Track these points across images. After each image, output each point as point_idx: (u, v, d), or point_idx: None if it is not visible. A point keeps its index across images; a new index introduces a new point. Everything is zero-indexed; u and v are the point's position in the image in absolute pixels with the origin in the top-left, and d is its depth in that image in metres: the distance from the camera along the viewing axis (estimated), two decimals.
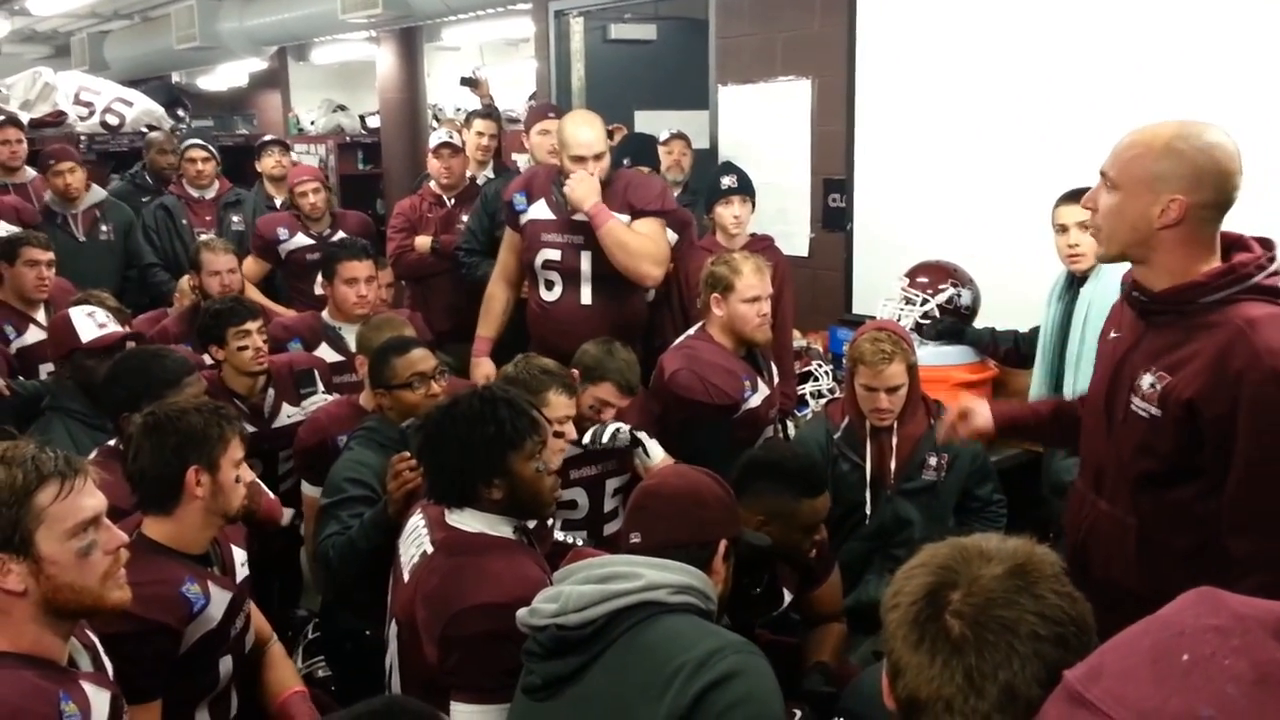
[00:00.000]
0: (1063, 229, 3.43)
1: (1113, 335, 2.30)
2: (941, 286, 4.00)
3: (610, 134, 5.19)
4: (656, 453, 3.07)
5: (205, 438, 2.28)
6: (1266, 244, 2.10)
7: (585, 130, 4.00)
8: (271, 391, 3.67)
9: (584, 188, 3.79)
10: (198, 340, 3.70)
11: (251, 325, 3.54)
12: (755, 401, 3.47)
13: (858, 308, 4.97)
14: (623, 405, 3.17)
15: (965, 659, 1.16)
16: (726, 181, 4.40)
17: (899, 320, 3.98)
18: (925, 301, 3.99)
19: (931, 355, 3.85)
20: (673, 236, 4.39)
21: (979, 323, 4.00)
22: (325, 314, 4.22)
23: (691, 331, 3.61)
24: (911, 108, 4.74)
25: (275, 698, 2.53)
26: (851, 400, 3.28)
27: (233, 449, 2.32)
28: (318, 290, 4.96)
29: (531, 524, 2.38)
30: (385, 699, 1.34)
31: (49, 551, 1.70)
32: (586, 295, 4.06)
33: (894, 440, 3.23)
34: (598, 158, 3.94)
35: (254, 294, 4.81)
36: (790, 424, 4.05)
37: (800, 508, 2.57)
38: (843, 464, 3.30)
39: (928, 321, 3.97)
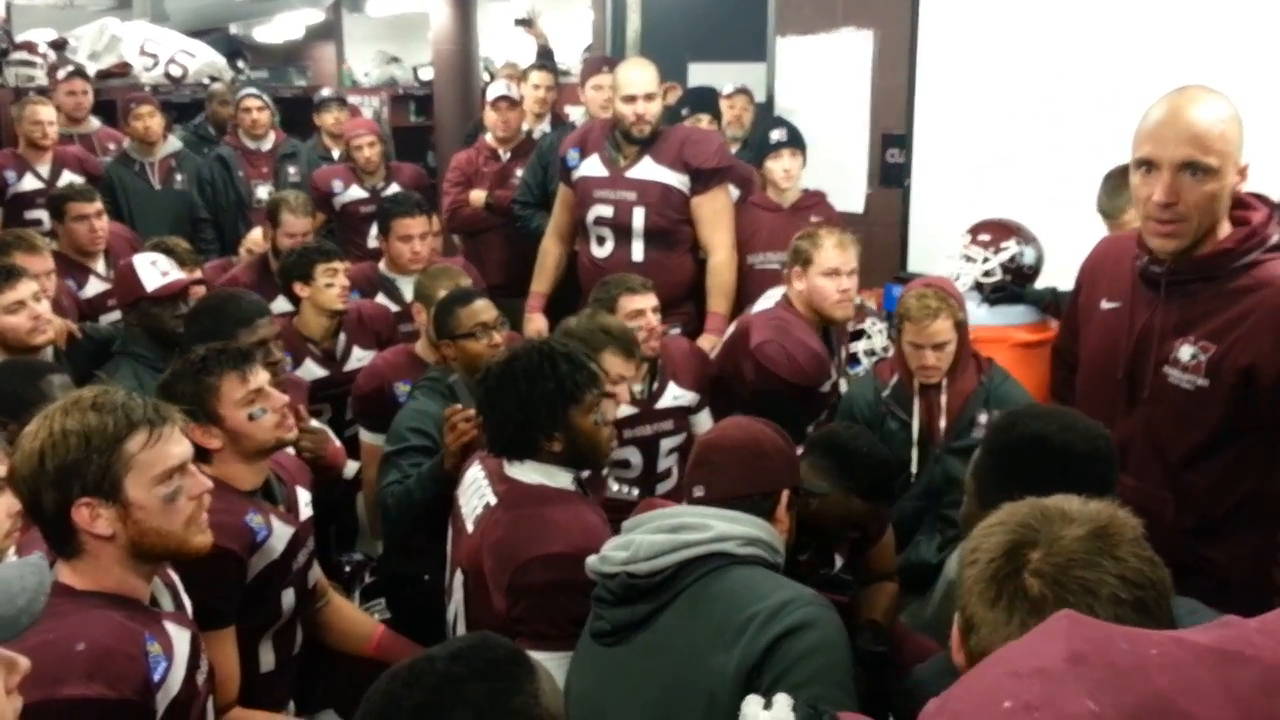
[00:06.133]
0: None
1: (1107, 305, 2.30)
2: (1004, 245, 3.92)
3: (665, 93, 5.18)
4: None
5: (189, 397, 2.25)
6: (1265, 200, 2.11)
7: (637, 71, 4.05)
8: (343, 336, 3.75)
9: None
10: (282, 279, 3.78)
11: (339, 265, 3.65)
12: (826, 387, 3.44)
13: (914, 265, 4.92)
14: (631, 374, 3.04)
15: (1043, 618, 1.12)
16: (776, 135, 4.36)
17: (958, 279, 3.93)
18: (987, 260, 3.92)
19: (990, 315, 3.79)
20: (734, 193, 4.38)
21: (1042, 283, 3.93)
22: (381, 265, 4.28)
23: (777, 297, 3.53)
24: (976, 61, 4.66)
25: (368, 639, 2.66)
26: (900, 357, 3.24)
27: (227, 390, 2.31)
28: (370, 243, 5.03)
29: (585, 474, 2.41)
30: (479, 635, 1.39)
31: (136, 497, 1.75)
32: (639, 252, 4.08)
33: (943, 398, 3.19)
34: (649, 97, 3.97)
35: None
36: (843, 381, 4.02)
37: (849, 503, 2.53)
38: (891, 422, 3.26)
39: (988, 280, 3.91)
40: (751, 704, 1.62)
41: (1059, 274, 3.87)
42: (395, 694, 1.27)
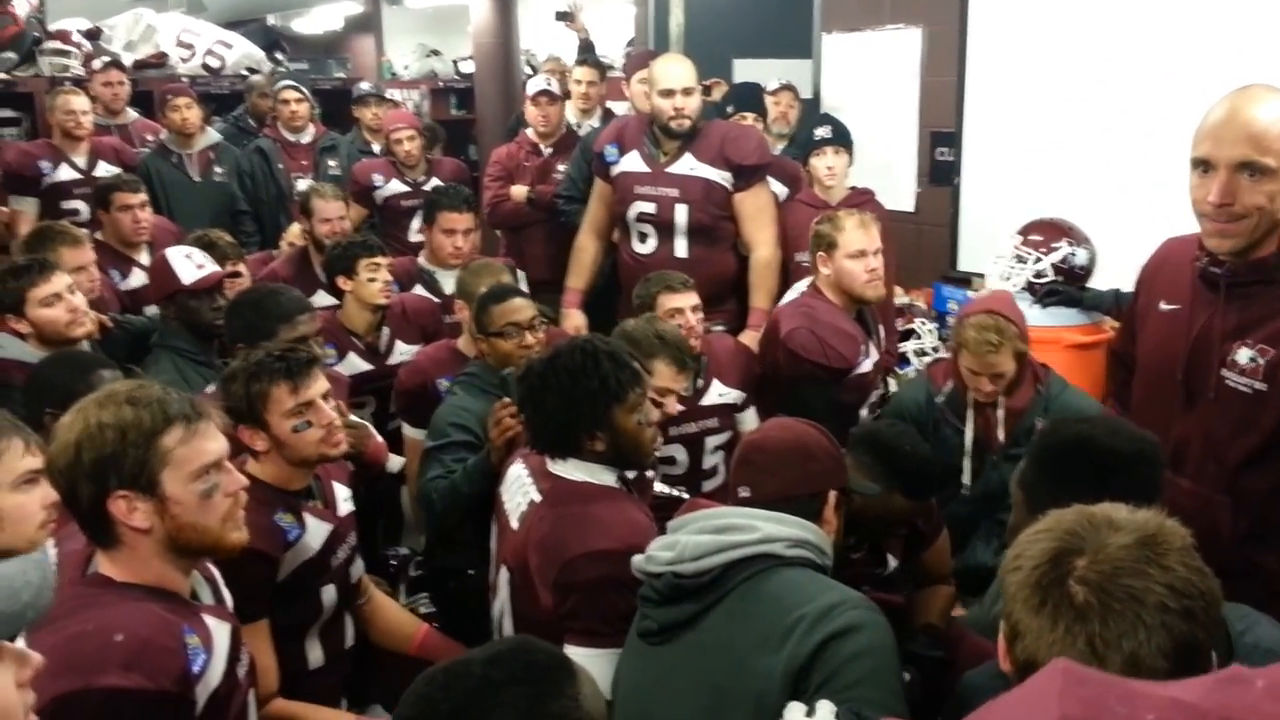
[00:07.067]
0: None
1: (1165, 306, 2.27)
2: (1055, 245, 3.85)
3: (708, 89, 5.14)
4: None
5: (240, 400, 2.31)
6: None
7: (674, 65, 4.03)
8: (386, 330, 3.75)
9: None
10: (327, 271, 3.79)
11: (382, 259, 3.64)
12: (866, 367, 3.38)
13: (964, 264, 4.87)
14: (680, 387, 3.00)
15: (1089, 626, 1.15)
16: (820, 132, 4.32)
17: (1008, 280, 3.86)
18: (1038, 260, 3.85)
19: (1042, 316, 3.73)
20: (781, 190, 4.36)
21: (1098, 284, 3.84)
22: (421, 258, 4.28)
23: (803, 288, 3.51)
24: (1027, 57, 4.59)
25: (410, 639, 2.65)
26: (956, 366, 3.14)
27: (276, 400, 2.32)
28: (412, 237, 5.01)
29: (631, 475, 2.39)
30: (518, 638, 1.40)
31: (173, 492, 1.75)
32: (682, 248, 4.06)
33: (1000, 412, 3.09)
34: (686, 92, 3.94)
35: None
36: (892, 381, 3.96)
37: (891, 501, 2.47)
38: (945, 429, 3.18)
39: (1040, 281, 3.83)
40: (794, 711, 1.64)
41: (1114, 275, 3.79)
42: (432, 697, 1.26)
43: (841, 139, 4.29)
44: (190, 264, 3.42)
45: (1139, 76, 4.15)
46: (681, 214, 4.02)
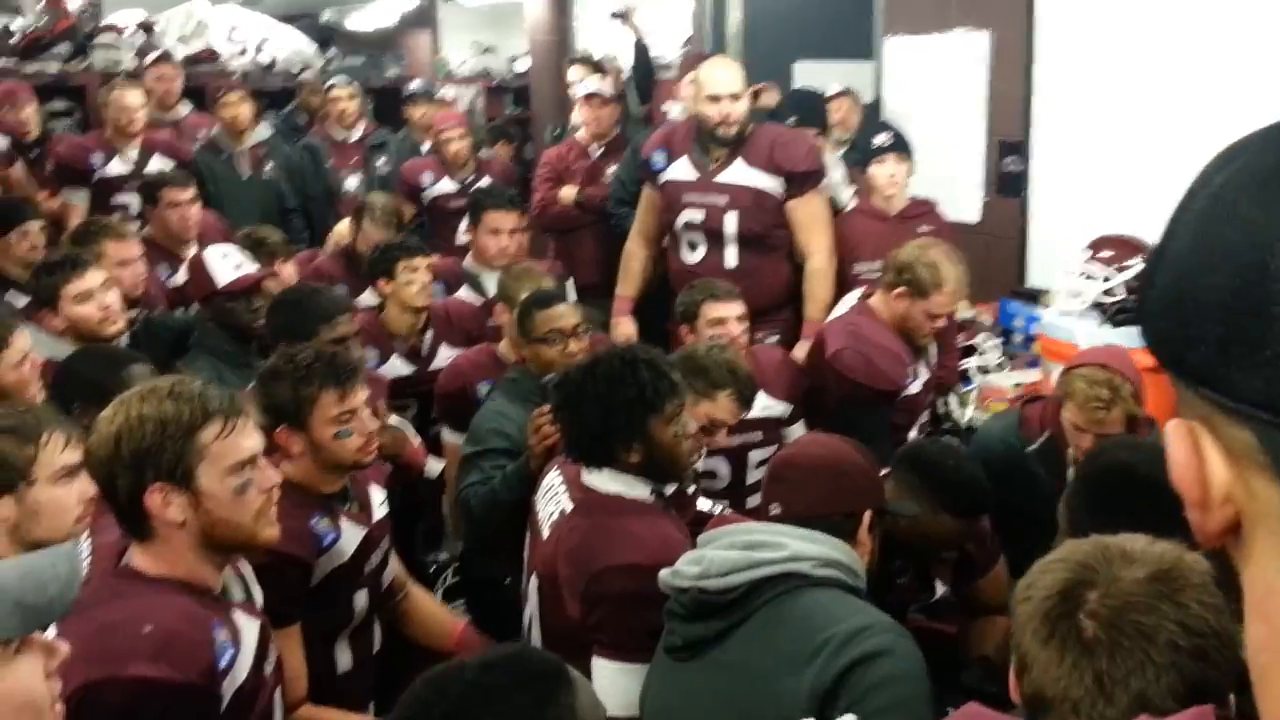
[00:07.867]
0: None
1: None
2: (1129, 262, 3.68)
3: (756, 95, 5.03)
4: None
5: (285, 401, 2.33)
6: None
7: (721, 70, 3.98)
8: (430, 333, 3.72)
9: None
10: (367, 274, 3.79)
11: (421, 261, 3.62)
12: (915, 388, 3.31)
13: (1033, 280, 4.71)
14: (736, 421, 2.89)
15: (1096, 662, 1.12)
16: (879, 139, 4.21)
17: (1079, 297, 3.69)
18: (1108, 278, 3.68)
19: (1113, 337, 3.55)
20: (847, 194, 4.23)
21: None
22: (467, 259, 4.23)
23: (853, 302, 3.42)
24: (1098, 64, 4.42)
25: (448, 636, 2.65)
26: (1056, 414, 2.84)
27: (323, 407, 2.32)
28: (460, 237, 4.94)
29: (670, 490, 2.35)
30: (516, 646, 1.45)
31: (208, 486, 1.77)
32: (732, 257, 3.98)
33: None
34: (734, 98, 3.87)
35: None
36: (953, 398, 3.82)
37: (937, 520, 2.37)
38: (1038, 486, 2.82)
39: (1110, 300, 3.66)
40: None
41: None
42: (427, 700, 1.26)
43: (902, 146, 4.19)
44: (227, 264, 3.38)
45: (1217, 85, 3.97)
46: (730, 222, 3.94)
